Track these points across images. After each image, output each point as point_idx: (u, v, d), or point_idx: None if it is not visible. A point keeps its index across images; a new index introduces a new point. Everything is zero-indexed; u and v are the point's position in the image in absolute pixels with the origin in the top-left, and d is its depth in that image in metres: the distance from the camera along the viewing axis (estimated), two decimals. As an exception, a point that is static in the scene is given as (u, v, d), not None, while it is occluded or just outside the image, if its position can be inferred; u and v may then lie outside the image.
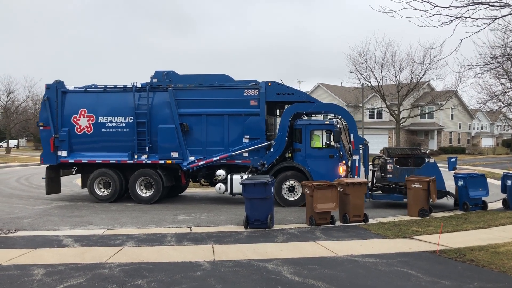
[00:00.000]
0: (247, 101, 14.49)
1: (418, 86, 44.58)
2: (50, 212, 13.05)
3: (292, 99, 14.69)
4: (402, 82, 43.33)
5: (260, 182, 10.31)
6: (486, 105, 37.20)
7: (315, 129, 14.47)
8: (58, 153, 15.17)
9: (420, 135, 57.99)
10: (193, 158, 14.60)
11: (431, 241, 8.89)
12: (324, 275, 6.80)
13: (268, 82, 14.49)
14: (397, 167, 14.19)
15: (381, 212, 12.84)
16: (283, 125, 14.39)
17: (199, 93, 14.77)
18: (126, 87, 15.12)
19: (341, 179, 11.75)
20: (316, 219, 10.72)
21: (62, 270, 7.07)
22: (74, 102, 15.33)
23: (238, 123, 14.47)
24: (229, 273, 6.89)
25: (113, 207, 14.06)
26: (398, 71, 42.63)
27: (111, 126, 15.02)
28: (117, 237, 9.61)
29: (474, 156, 49.29)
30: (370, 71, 43.23)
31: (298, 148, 14.38)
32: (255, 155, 14.37)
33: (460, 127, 61.66)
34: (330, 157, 14.10)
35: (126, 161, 14.85)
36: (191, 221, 11.60)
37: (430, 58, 41.49)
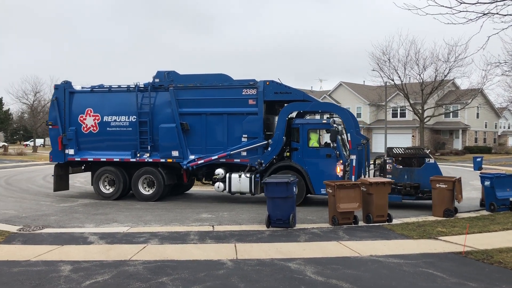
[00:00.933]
0: (245, 100, 14.55)
1: (442, 85, 43.88)
2: (76, 210, 13.31)
3: (290, 98, 14.61)
4: (426, 81, 42.72)
5: (282, 181, 10.29)
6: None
7: (312, 128, 14.38)
8: (66, 152, 15.70)
9: (444, 134, 57.00)
10: (194, 157, 14.81)
11: (457, 242, 8.74)
12: (348, 275, 6.75)
13: (266, 81, 14.49)
14: (397, 167, 14.02)
15: (405, 213, 12.67)
16: (280, 124, 14.36)
17: (199, 92, 14.98)
18: (130, 87, 15.46)
19: (364, 179, 11.64)
20: (339, 219, 10.65)
21: (88, 267, 7.20)
22: (81, 102, 15.81)
23: (237, 122, 14.57)
24: (252, 272, 6.90)
25: (137, 205, 14.25)
26: (422, 69, 42.08)
27: (115, 125, 15.46)
28: (141, 234, 9.73)
29: (501, 156, 48.19)
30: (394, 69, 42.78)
31: (295, 147, 14.33)
32: (254, 154, 14.41)
33: (486, 126, 60.34)
34: (328, 156, 13.97)
35: (129, 159, 15.24)
36: (214, 220, 11.67)
37: (455, 56, 40.72)
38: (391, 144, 46.34)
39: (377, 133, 56.02)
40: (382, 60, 42.87)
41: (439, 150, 51.49)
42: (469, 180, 21.46)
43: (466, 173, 25.83)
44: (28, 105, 59.49)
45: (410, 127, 53.16)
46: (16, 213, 12.62)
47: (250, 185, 14.24)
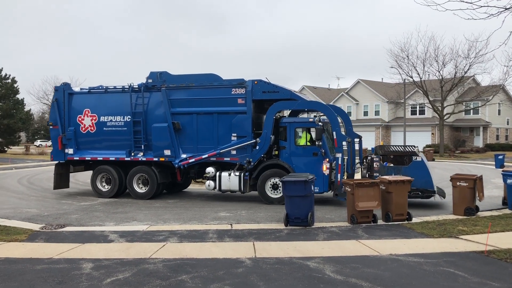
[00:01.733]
0: (234, 99, 14.65)
1: (462, 81, 43.26)
2: (96, 208, 13.50)
3: (278, 97, 14.63)
4: (446, 77, 42.16)
5: (300, 180, 10.27)
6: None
7: (298, 127, 14.41)
8: (66, 151, 16.22)
9: (464, 132, 56.11)
10: (185, 156, 15.04)
11: (479, 241, 8.60)
12: (367, 274, 6.70)
13: (254, 80, 14.57)
14: (384, 165, 13.97)
15: (424, 211, 12.53)
16: (268, 123, 14.39)
17: (190, 92, 15.17)
18: (124, 88, 15.78)
19: (383, 177, 11.54)
20: (358, 217, 10.58)
21: (109, 265, 7.30)
22: (79, 102, 16.25)
23: (227, 122, 14.69)
24: (271, 270, 6.91)
25: (156, 204, 14.39)
26: (441, 65, 41.57)
27: (111, 125, 15.86)
28: (160, 233, 9.83)
29: (523, 153, 47.19)
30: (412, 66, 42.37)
31: (283, 146, 14.38)
32: (243, 152, 14.53)
33: (508, 123, 59.16)
34: (314, 155, 13.98)
35: (124, 158, 15.64)
36: (232, 218, 11.71)
37: (475, 52, 40.11)
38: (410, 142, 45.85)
39: (396, 131, 55.45)
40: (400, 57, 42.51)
41: (459, 147, 50.72)
42: (491, 178, 21.11)
43: (487, 171, 25.40)
44: (48, 105, 60.49)
45: (430, 125, 52.49)
46: (39, 211, 12.87)
47: (239, 183, 14.40)
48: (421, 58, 42.13)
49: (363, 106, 58.52)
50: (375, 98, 57.91)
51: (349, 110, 59.01)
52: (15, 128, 48.29)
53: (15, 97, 49.76)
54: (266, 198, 14.27)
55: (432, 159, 36.66)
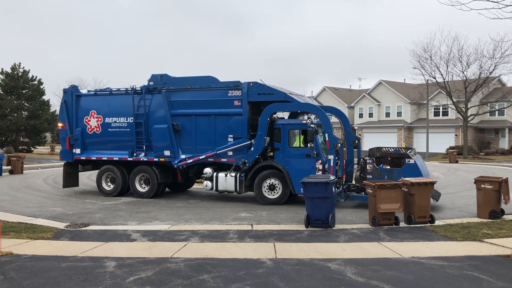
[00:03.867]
0: (231, 101, 14.86)
1: (487, 82, 42.43)
2: (119, 208, 13.71)
3: (272, 99, 14.71)
4: (470, 78, 41.42)
5: (321, 181, 10.24)
6: None
7: (292, 128, 14.43)
8: (73, 151, 16.79)
9: (489, 133, 54.93)
10: (184, 156, 15.34)
11: (504, 245, 8.44)
12: (389, 276, 6.65)
13: (250, 82, 14.69)
14: (378, 167, 13.92)
15: (447, 214, 12.34)
16: (262, 125, 14.50)
17: (189, 94, 15.43)
18: (128, 90, 16.19)
19: (405, 179, 11.40)
20: (379, 219, 10.50)
21: (132, 263, 7.42)
22: (86, 104, 16.81)
23: (223, 123, 14.92)
24: (292, 271, 6.92)
25: (178, 204, 14.54)
26: (466, 66, 40.84)
27: (115, 126, 16.35)
28: (182, 232, 9.93)
29: (551, 156, 45.95)
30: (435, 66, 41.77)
31: (277, 147, 14.47)
32: (239, 154, 14.71)
33: (535, 125, 57.69)
34: (307, 156, 14.00)
35: (127, 158, 16.09)
36: (252, 219, 11.75)
37: (501, 52, 39.28)
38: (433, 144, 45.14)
39: (419, 132, 54.65)
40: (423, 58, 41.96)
41: (483, 149, 49.73)
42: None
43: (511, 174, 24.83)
44: (73, 107, 61.66)
45: (453, 126, 51.57)
46: (63, 210, 13.15)
47: (235, 184, 14.57)
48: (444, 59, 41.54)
49: (385, 107, 57.84)
50: (397, 99, 57.20)
51: (370, 111, 58.45)
52: (41, 128, 49.29)
53: (41, 98, 50.79)
54: (263, 198, 14.45)
55: (455, 161, 36.03)
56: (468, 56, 41.06)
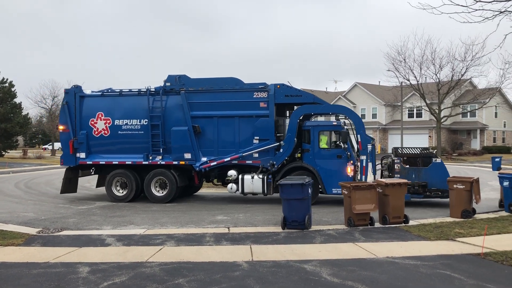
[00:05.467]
0: (256, 103, 14.82)
1: (459, 84, 43.40)
2: (93, 212, 13.48)
3: (300, 101, 15.00)
4: (443, 80, 42.27)
5: (297, 183, 10.29)
6: (533, 102, 35.76)
7: (323, 130, 14.66)
8: (77, 155, 15.89)
9: (462, 134, 56.25)
10: (205, 159, 15.07)
11: (475, 244, 8.62)
12: (364, 276, 6.71)
13: (276, 84, 14.80)
14: (404, 167, 14.31)
15: (421, 214, 12.56)
16: (292, 126, 14.64)
17: (210, 96, 15.19)
18: (141, 91, 15.67)
19: (380, 180, 11.57)
20: (355, 220, 10.60)
21: (106, 269, 7.29)
22: (92, 105, 15.99)
23: (248, 125, 14.82)
24: (268, 274, 6.91)
25: (153, 207, 14.38)
26: (438, 68, 41.69)
27: (126, 129, 15.66)
28: (157, 236, 9.82)
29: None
30: (409, 69, 42.49)
31: (306, 148, 14.63)
32: (265, 155, 14.68)
33: (505, 126, 59.32)
34: (338, 157, 14.27)
35: (142, 162, 15.46)
36: (229, 222, 11.71)
37: (472, 55, 40.26)
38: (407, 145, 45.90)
39: (393, 133, 55.58)
40: (397, 60, 42.63)
41: (456, 150, 50.85)
42: (488, 181, 21.17)
43: (484, 174, 25.47)
44: (46, 109, 60.56)
45: (427, 127, 52.60)
46: (36, 215, 12.84)
47: (263, 186, 14.48)
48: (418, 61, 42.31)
49: (360, 109, 58.56)
50: (373, 101, 58.03)
51: (346, 113, 59.04)
52: (12, 132, 48.10)
53: (12, 101, 49.56)
54: None
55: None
56: (441, 58, 41.94)
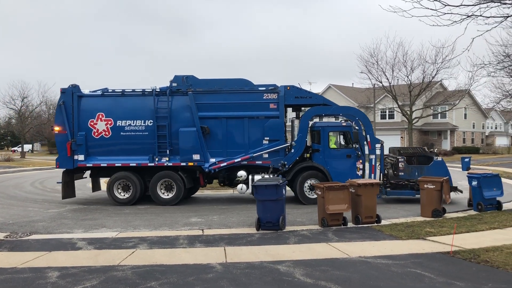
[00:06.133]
0: (266, 104, 15.01)
1: (430, 86, 44.22)
2: (64, 215, 13.19)
3: (310, 102, 15.40)
4: (414, 82, 43.01)
5: (271, 184, 10.31)
6: (500, 104, 36.79)
7: (333, 130, 15.21)
8: (75, 157, 15.22)
9: (433, 135, 57.49)
10: (214, 160, 15.03)
11: (445, 242, 8.81)
12: (336, 276, 6.77)
13: (287, 86, 15.09)
14: (408, 165, 15.11)
15: (393, 213, 12.76)
16: (303, 127, 15.05)
17: (219, 97, 15.15)
18: (145, 91, 15.34)
19: (352, 180, 11.70)
20: (328, 220, 10.68)
21: (76, 273, 7.14)
22: (91, 106, 15.38)
23: (257, 126, 14.97)
24: (241, 275, 6.90)
25: (126, 210, 14.17)
26: (410, 71, 42.36)
27: (130, 130, 15.21)
28: (130, 239, 9.68)
29: (489, 156, 48.72)
30: (382, 71, 43.02)
31: (317, 148, 15.08)
32: (275, 156, 14.93)
33: (474, 127, 60.96)
34: (348, 157, 14.87)
35: (147, 164, 15.10)
36: (203, 224, 11.64)
37: (442, 58, 41.14)
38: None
39: (367, 134, 56.33)
40: (370, 63, 43.12)
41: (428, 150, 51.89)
42: (458, 180, 21.61)
43: (454, 173, 25.92)
44: (15, 111, 58.92)
45: (399, 129, 53.53)
46: (3, 219, 12.48)
47: None
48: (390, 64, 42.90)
49: (334, 110, 59.13)
50: (346, 102, 58.59)
51: (321, 114, 59.54)
52: (-21, 134, 46.75)
53: (-21, 102, 48.20)
54: (305, 199, 14.80)
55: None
56: (412, 61, 42.64)
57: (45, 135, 71.46)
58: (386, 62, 42.75)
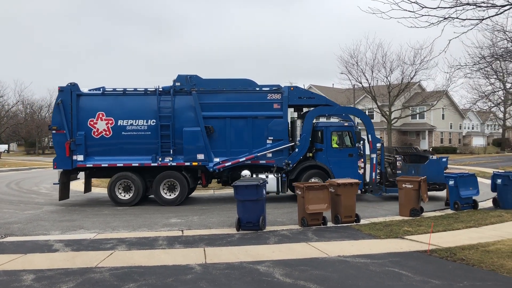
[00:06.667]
0: (270, 104, 15.26)
1: (409, 87, 44.84)
2: (41, 217, 12.95)
3: (313, 103, 15.77)
4: (393, 83, 43.56)
5: (252, 184, 10.30)
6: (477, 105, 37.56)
7: (335, 130, 15.62)
8: (74, 158, 14.89)
9: (411, 135, 58.31)
10: (218, 160, 15.14)
11: (422, 241, 8.93)
12: (315, 276, 6.80)
13: (290, 86, 15.55)
14: (405, 164, 15.74)
15: (372, 212, 12.89)
16: (307, 127, 15.35)
17: (223, 96, 15.27)
18: (148, 90, 15.22)
19: (332, 180, 11.78)
20: (308, 220, 10.73)
21: (52, 275, 7.01)
22: (91, 105, 15.08)
23: (261, 126, 15.20)
24: (220, 276, 6.87)
25: (105, 211, 13.99)
26: (389, 72, 42.89)
27: (132, 129, 15.05)
28: (108, 241, 9.55)
29: (465, 156, 49.65)
30: (361, 72, 43.45)
31: (319, 148, 15.47)
32: (279, 155, 15.19)
33: (451, 127, 62.06)
34: (350, 155, 15.34)
35: (150, 164, 14.97)
36: (183, 224, 11.57)
37: (420, 59, 41.78)
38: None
39: (347, 135, 56.77)
40: (350, 63, 43.51)
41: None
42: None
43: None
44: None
45: (378, 129, 54.07)
46: (-23, 221, 12.19)
47: (278, 185, 15.02)
48: (369, 65, 43.37)
49: (315, 110, 59.49)
50: (327, 103, 59.03)
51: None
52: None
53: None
54: None
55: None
56: (391, 62, 43.24)
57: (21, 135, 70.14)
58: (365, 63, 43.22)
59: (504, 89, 36.70)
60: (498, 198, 13.37)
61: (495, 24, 17.00)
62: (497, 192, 13.39)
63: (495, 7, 8.94)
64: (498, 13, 9.14)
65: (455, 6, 8.90)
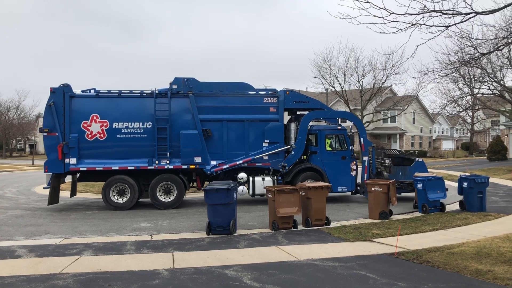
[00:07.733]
0: (266, 108, 15.48)
1: (380, 91, 45.63)
2: (4, 222, 12.55)
3: (308, 107, 16.15)
4: (365, 87, 44.25)
5: (222, 188, 10.24)
6: (446, 110, 38.53)
7: (329, 133, 16.06)
8: (66, 161, 14.49)
9: (383, 139, 59.25)
10: (215, 162, 15.19)
11: (390, 244, 9.05)
12: (284, 279, 6.79)
13: (286, 90, 15.89)
14: (393, 166, 16.26)
15: (343, 215, 13.00)
16: (302, 130, 15.68)
17: (220, 100, 15.33)
18: (144, 93, 15.01)
19: (302, 183, 11.82)
20: (279, 223, 10.74)
21: (13, 283, 6.78)
22: (84, 107, 14.73)
23: (257, 129, 15.42)
24: (188, 281, 6.79)
25: (72, 215, 13.68)
26: (361, 76, 43.59)
27: (127, 132, 14.82)
28: (74, 246, 9.33)
29: (435, 159, 50.74)
30: (334, 76, 44.02)
31: (314, 151, 15.83)
32: (274, 158, 15.42)
33: (422, 131, 63.37)
34: (343, 158, 15.80)
35: (146, 167, 14.79)
36: (152, 229, 11.41)
37: (391, 64, 42.59)
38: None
39: (320, 138, 57.29)
40: (323, 68, 44.03)
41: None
42: (405, 183, 22.33)
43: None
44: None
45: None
46: None
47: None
48: (342, 69, 43.97)
49: (288, 114, 59.86)
50: (301, 106, 59.48)
51: (275, 118, 60.11)
52: None
53: None
54: None
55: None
56: (364, 67, 44.08)
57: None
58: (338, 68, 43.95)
59: (472, 94, 37.74)
60: (464, 201, 13.67)
61: (461, 31, 17.47)
62: (463, 195, 13.68)
63: (460, 15, 9.15)
64: (463, 21, 9.36)
65: (422, 13, 9.06)
